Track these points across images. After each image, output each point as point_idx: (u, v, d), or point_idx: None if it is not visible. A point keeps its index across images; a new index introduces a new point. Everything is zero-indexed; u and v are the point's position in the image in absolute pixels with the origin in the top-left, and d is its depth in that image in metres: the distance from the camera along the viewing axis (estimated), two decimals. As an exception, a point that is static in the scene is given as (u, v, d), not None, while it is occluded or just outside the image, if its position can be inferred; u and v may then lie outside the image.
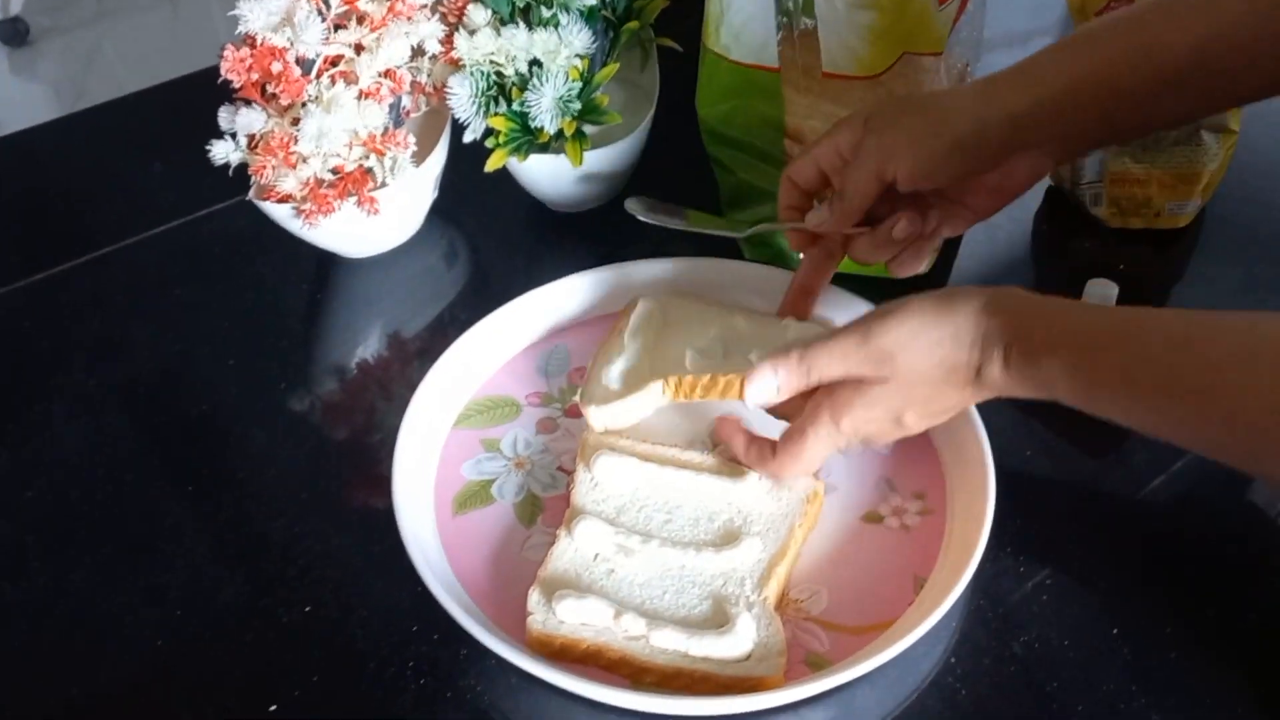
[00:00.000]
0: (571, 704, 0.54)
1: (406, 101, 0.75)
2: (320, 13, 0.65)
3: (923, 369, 0.53)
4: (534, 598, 0.55)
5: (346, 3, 0.66)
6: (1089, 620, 0.56)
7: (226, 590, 0.60)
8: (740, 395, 0.58)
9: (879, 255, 0.62)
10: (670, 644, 0.53)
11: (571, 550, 0.57)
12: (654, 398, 0.61)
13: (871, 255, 0.62)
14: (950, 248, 0.77)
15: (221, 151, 0.68)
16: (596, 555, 0.57)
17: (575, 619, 0.54)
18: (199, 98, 0.69)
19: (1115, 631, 0.55)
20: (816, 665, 0.54)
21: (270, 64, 0.63)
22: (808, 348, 0.55)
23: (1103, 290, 0.71)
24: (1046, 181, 0.82)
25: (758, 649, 0.53)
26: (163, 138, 0.91)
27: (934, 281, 0.74)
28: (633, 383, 0.62)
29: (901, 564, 0.58)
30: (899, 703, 0.54)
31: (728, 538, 0.58)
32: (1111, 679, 0.53)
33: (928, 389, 0.53)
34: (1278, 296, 0.75)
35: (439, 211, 0.80)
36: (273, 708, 0.54)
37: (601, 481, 0.60)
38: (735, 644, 0.53)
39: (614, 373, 0.63)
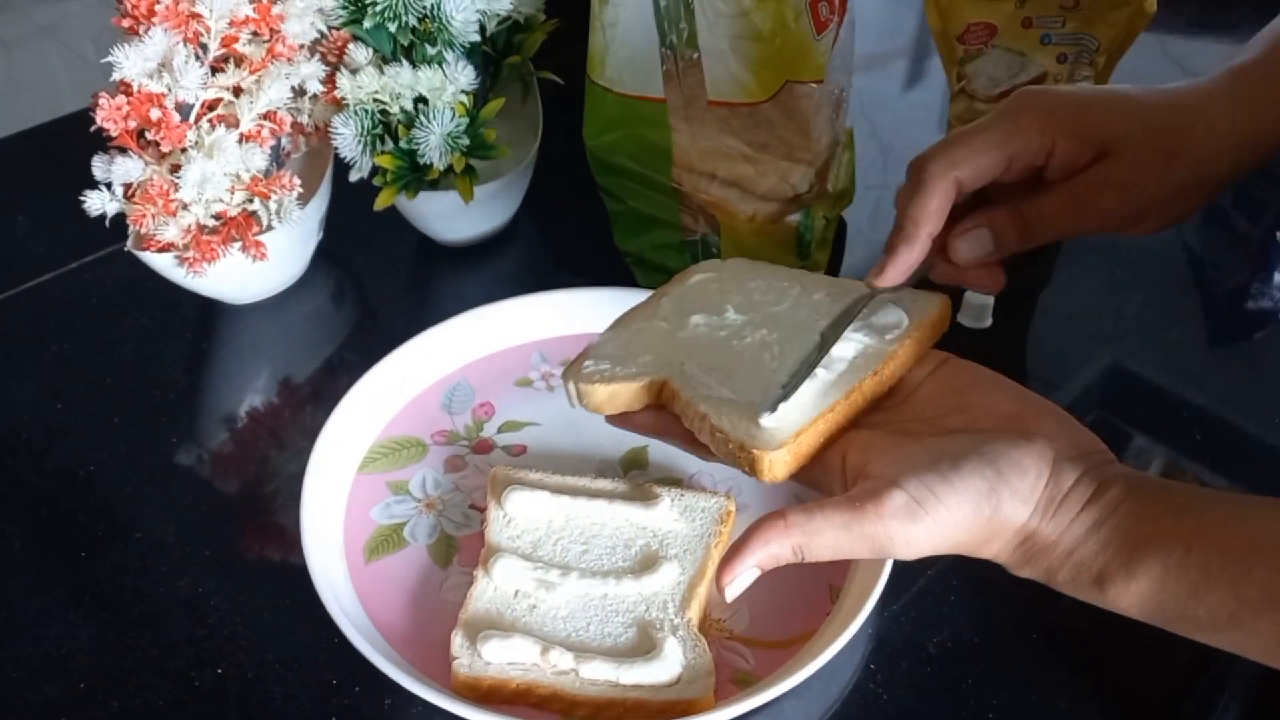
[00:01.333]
0: (503, 743, 0.53)
1: (286, 142, 0.73)
2: (198, 56, 0.64)
3: (937, 551, 0.44)
4: (457, 641, 0.55)
5: (225, 46, 0.65)
6: (998, 615, 0.58)
7: (132, 657, 0.57)
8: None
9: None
10: (600, 675, 0.53)
11: (491, 589, 0.57)
12: (638, 395, 0.53)
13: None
14: (832, 264, 0.79)
15: (97, 202, 0.66)
16: (517, 592, 0.57)
17: (501, 659, 0.54)
18: (57, 146, 0.67)
19: (1023, 624, 0.58)
20: (744, 683, 0.55)
21: (149, 111, 0.62)
22: (808, 527, 0.44)
23: (979, 300, 0.75)
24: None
25: (686, 671, 0.54)
26: (21, 189, 0.87)
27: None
28: (623, 364, 0.54)
29: (816, 576, 0.59)
30: (824, 712, 0.55)
31: (646, 563, 0.58)
32: (1023, 669, 0.56)
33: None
34: (1145, 292, 0.79)
35: (324, 253, 0.79)
36: (192, 775, 0.53)
37: (515, 517, 0.60)
38: (664, 669, 0.53)
39: (610, 348, 0.55)
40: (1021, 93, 0.53)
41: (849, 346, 0.50)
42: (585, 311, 0.72)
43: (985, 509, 0.42)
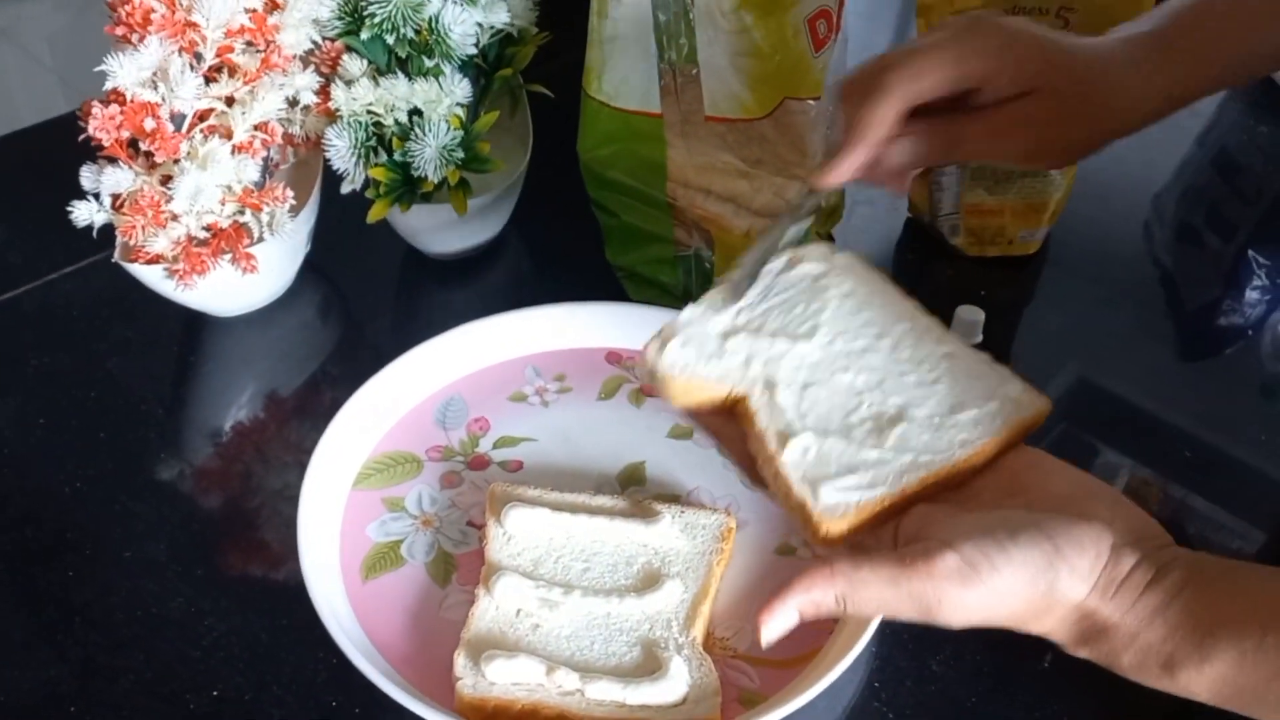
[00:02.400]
0: (509, 765, 0.53)
1: (275, 154, 0.73)
2: (193, 66, 0.63)
3: (984, 623, 0.43)
4: (460, 661, 0.54)
5: (219, 55, 0.64)
6: (1000, 633, 0.58)
7: (125, 679, 0.56)
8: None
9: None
10: (606, 695, 0.53)
11: (493, 609, 0.57)
12: (715, 397, 0.50)
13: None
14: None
15: (84, 213, 0.65)
16: (519, 611, 0.57)
17: (506, 679, 0.53)
18: (33, 154, 0.65)
19: (1026, 642, 0.58)
20: (750, 702, 0.55)
21: (143, 121, 0.61)
22: (854, 578, 0.42)
23: (971, 315, 0.75)
24: (905, 214, 0.86)
25: (693, 691, 0.53)
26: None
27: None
28: (709, 358, 0.50)
29: (819, 594, 0.59)
30: (829, 731, 0.55)
31: (648, 581, 0.58)
32: (1027, 688, 0.56)
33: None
34: (1122, 309, 0.81)
35: (310, 265, 0.78)
36: (190, 801, 0.52)
37: (514, 535, 0.60)
38: (671, 688, 0.53)
39: (698, 331, 0.50)
40: (975, 15, 0.55)
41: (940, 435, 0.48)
42: (579, 326, 0.72)
43: (1041, 582, 0.41)
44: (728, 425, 0.50)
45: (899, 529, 0.45)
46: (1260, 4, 0.56)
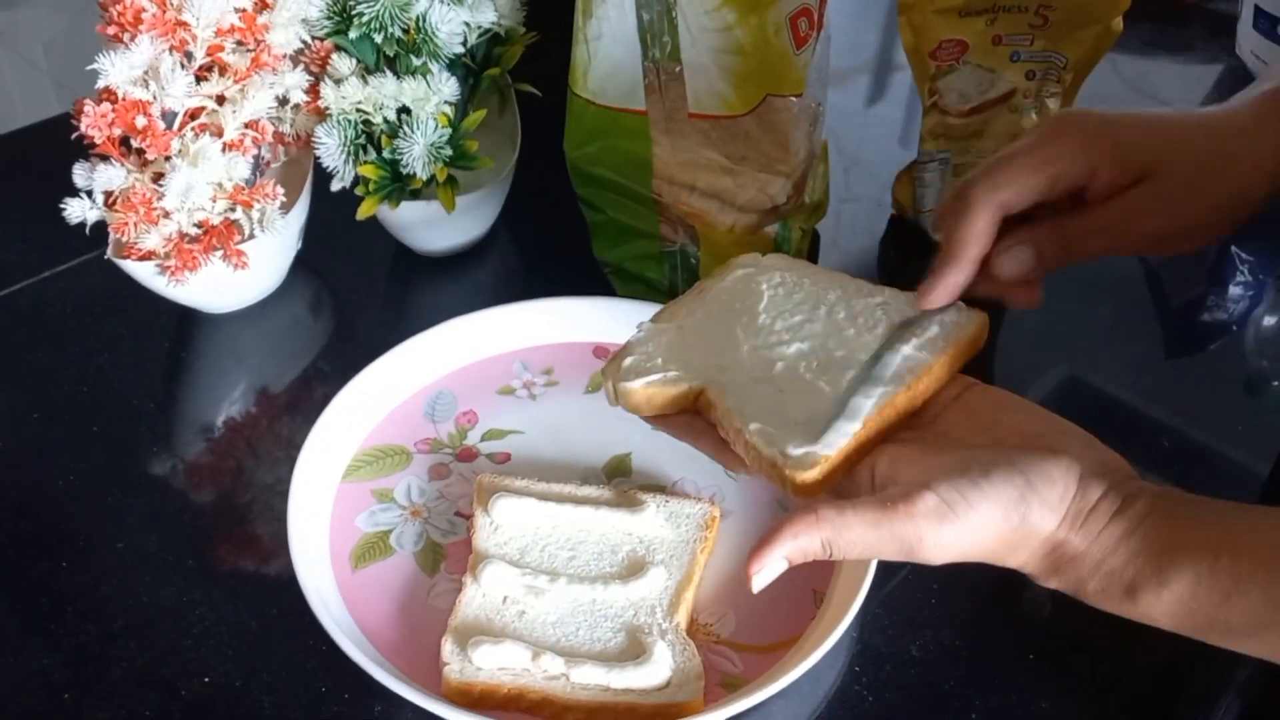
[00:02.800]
0: (495, 749, 0.54)
1: (266, 152, 0.73)
2: (183, 65, 0.64)
3: (964, 558, 0.45)
4: (448, 647, 0.55)
5: (210, 54, 0.65)
6: (979, 618, 0.60)
7: (118, 667, 0.57)
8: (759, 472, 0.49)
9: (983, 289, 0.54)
10: (591, 679, 0.54)
11: (480, 596, 0.58)
12: (677, 399, 0.52)
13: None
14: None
15: (77, 210, 0.66)
16: (506, 598, 0.57)
17: (492, 664, 0.54)
18: (26, 153, 0.66)
19: (1005, 626, 0.59)
20: (732, 686, 0.56)
21: (135, 119, 0.62)
22: (838, 522, 0.44)
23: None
24: (889, 210, 0.87)
25: (676, 675, 0.54)
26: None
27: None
28: (663, 365, 0.52)
29: (801, 581, 0.60)
30: (810, 714, 0.56)
31: (633, 568, 0.59)
32: (1005, 671, 0.57)
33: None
34: (1104, 306, 0.82)
35: (302, 262, 0.79)
36: (181, 785, 0.52)
37: (501, 524, 0.61)
38: (654, 672, 0.54)
39: (650, 346, 0.53)
40: (1060, 115, 0.54)
41: (885, 363, 0.51)
42: (567, 320, 0.73)
43: (1014, 516, 0.43)
44: (695, 421, 0.52)
45: (875, 472, 0.47)
46: None
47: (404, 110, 0.70)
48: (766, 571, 0.45)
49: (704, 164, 0.72)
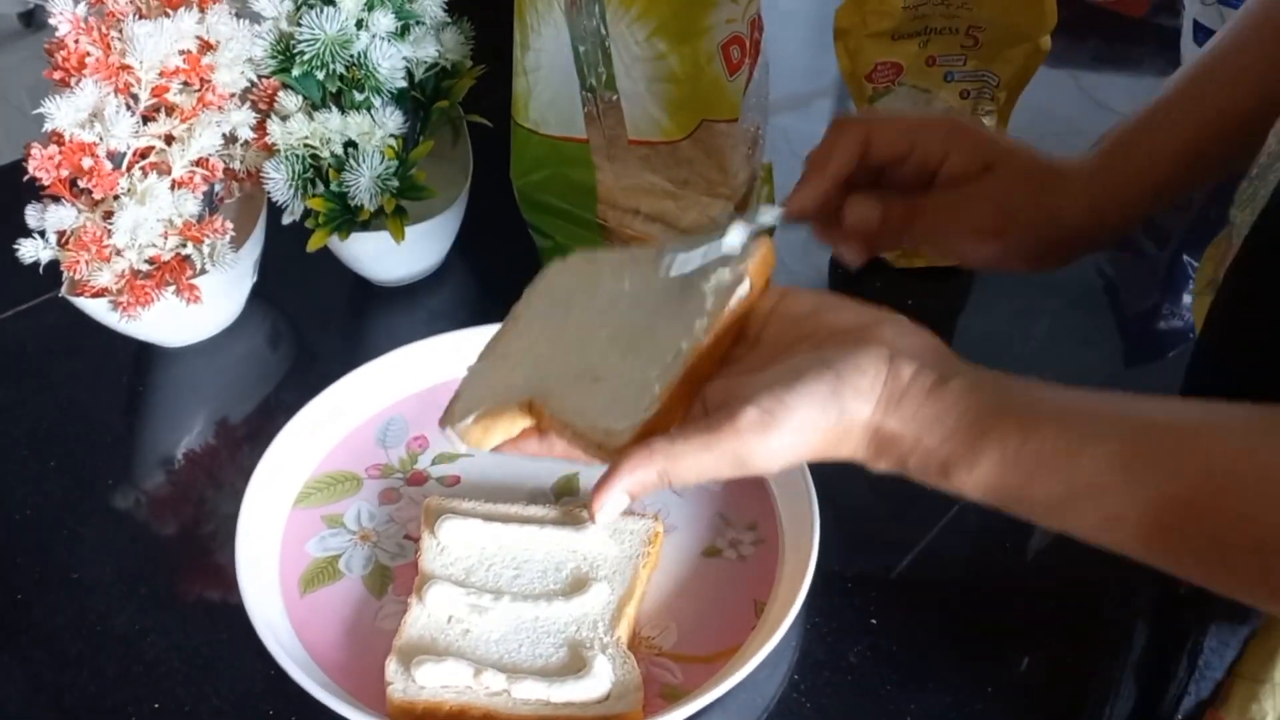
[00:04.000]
0: (439, 765, 0.55)
1: (219, 188, 0.75)
2: (129, 106, 0.66)
3: (799, 461, 0.46)
4: (391, 667, 0.56)
5: (155, 95, 0.66)
6: (916, 624, 0.61)
7: (70, 694, 0.58)
8: (601, 459, 0.50)
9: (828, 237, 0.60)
10: (531, 694, 0.55)
11: (424, 616, 0.59)
12: (515, 420, 0.53)
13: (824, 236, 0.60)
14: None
15: (30, 250, 0.67)
16: (450, 618, 0.59)
17: (435, 682, 0.55)
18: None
19: (940, 633, 0.60)
20: (672, 697, 0.57)
21: (81, 160, 0.63)
22: (670, 451, 0.46)
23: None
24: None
25: (616, 688, 0.55)
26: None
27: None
28: (492, 394, 0.53)
29: (742, 592, 0.61)
30: (751, 723, 0.57)
31: (576, 585, 0.60)
32: (939, 675, 0.58)
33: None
34: (1051, 317, 0.83)
35: (259, 295, 0.81)
36: (130, 809, 0.53)
37: (448, 545, 0.62)
38: (594, 686, 0.55)
39: (477, 382, 0.54)
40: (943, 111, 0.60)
41: (681, 315, 0.51)
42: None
43: (832, 410, 0.44)
44: (544, 438, 0.53)
45: (705, 403, 0.48)
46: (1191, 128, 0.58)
47: (350, 144, 0.72)
48: (609, 507, 0.46)
49: (647, 188, 0.74)
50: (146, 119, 0.67)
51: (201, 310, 0.73)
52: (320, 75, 0.70)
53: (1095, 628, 0.61)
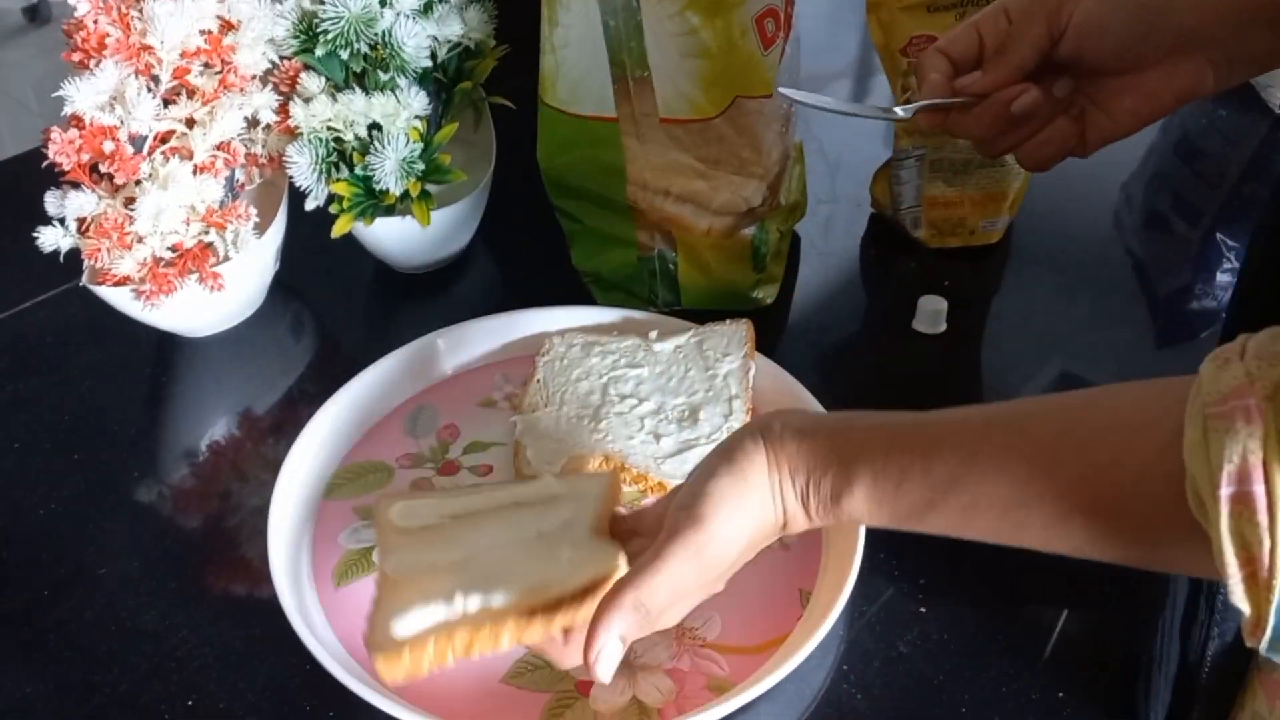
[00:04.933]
0: (481, 761, 0.53)
1: (240, 174, 0.74)
2: (150, 89, 0.64)
3: (746, 542, 0.48)
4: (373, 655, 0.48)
5: (177, 77, 0.65)
6: (965, 613, 0.59)
7: (100, 693, 0.57)
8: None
9: (992, 128, 0.61)
10: (507, 598, 0.48)
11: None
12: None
13: (984, 128, 0.61)
14: (787, 276, 0.80)
15: (50, 238, 0.66)
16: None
17: (413, 629, 0.48)
18: (5, 186, 0.66)
19: (991, 620, 0.59)
20: (719, 689, 0.55)
21: (102, 144, 0.62)
22: (639, 589, 0.46)
23: (934, 305, 0.76)
24: (868, 209, 0.87)
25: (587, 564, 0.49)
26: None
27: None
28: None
29: (786, 581, 0.60)
30: (800, 714, 0.56)
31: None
32: (993, 664, 0.57)
33: (747, 553, 0.49)
34: (1085, 297, 0.81)
35: (281, 283, 0.79)
36: (165, 810, 0.52)
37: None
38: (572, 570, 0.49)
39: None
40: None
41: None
42: (545, 330, 0.73)
43: (737, 477, 0.48)
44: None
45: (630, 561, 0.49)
46: None
47: (375, 126, 0.70)
48: (606, 660, 0.47)
49: (677, 169, 0.72)
50: (167, 102, 0.66)
51: (224, 299, 0.71)
52: (344, 55, 0.68)
53: (1145, 602, 0.59)
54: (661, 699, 0.55)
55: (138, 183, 0.65)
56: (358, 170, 0.70)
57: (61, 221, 0.66)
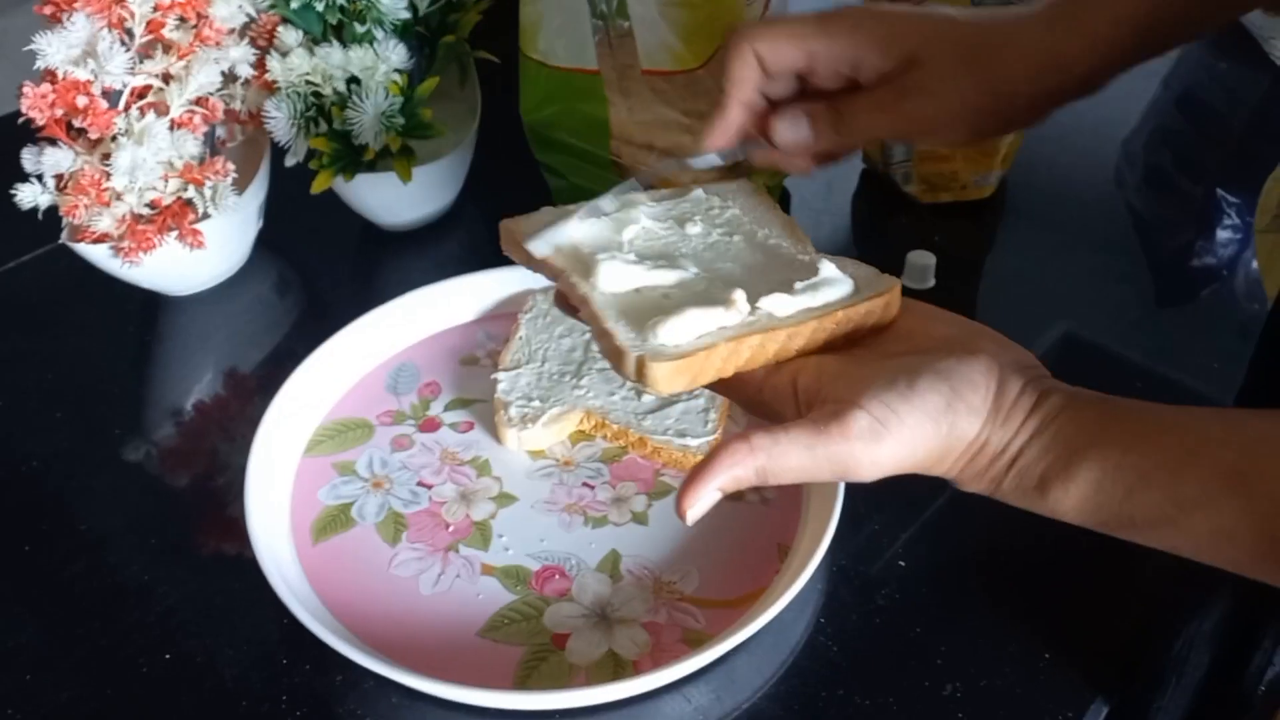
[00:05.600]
0: (455, 714, 0.53)
1: (221, 131, 0.73)
2: (124, 43, 0.63)
3: (895, 471, 0.43)
4: (621, 332, 0.44)
5: (151, 31, 0.64)
6: (944, 566, 0.59)
7: (82, 646, 0.57)
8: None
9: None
10: (788, 307, 0.45)
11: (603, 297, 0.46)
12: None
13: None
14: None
15: (29, 195, 0.65)
16: (638, 289, 0.47)
17: (682, 338, 0.44)
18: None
19: (969, 574, 0.58)
20: (696, 642, 0.55)
21: (75, 98, 0.61)
22: (772, 450, 0.42)
23: (922, 260, 0.75)
24: (859, 165, 0.86)
25: (860, 281, 0.46)
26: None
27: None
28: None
29: (765, 536, 0.60)
30: (776, 668, 0.55)
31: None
32: (970, 617, 0.56)
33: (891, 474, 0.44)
34: (1082, 254, 0.80)
35: (265, 242, 0.79)
36: (143, 760, 0.52)
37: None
38: (838, 287, 0.46)
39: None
40: (839, 7, 0.54)
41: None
42: (528, 288, 0.72)
43: (943, 424, 0.42)
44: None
45: (797, 386, 0.44)
46: None
47: (353, 80, 0.69)
48: (700, 504, 0.43)
49: (662, 123, 0.71)
50: (143, 56, 0.65)
51: (206, 256, 0.71)
52: (320, 7, 0.67)
53: (1132, 571, 0.59)
54: (637, 651, 0.55)
55: (114, 138, 0.64)
56: (336, 125, 0.70)
57: (40, 178, 0.66)
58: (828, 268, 0.48)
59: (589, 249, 0.48)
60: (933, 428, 0.42)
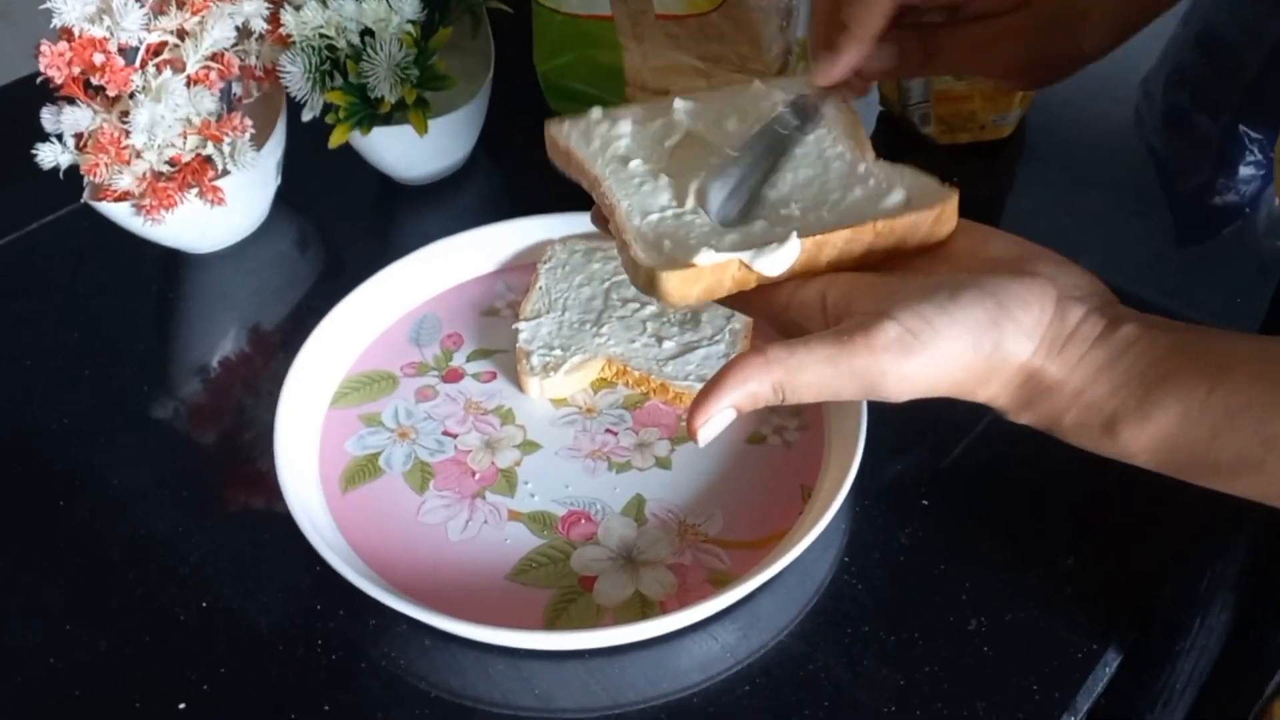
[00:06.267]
0: (486, 655, 0.54)
1: (238, 88, 0.73)
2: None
3: (927, 393, 0.40)
4: (642, 253, 0.42)
5: (164, -14, 0.64)
6: (968, 505, 0.59)
7: (115, 596, 0.58)
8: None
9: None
10: (812, 214, 0.43)
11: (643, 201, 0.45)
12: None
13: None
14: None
15: (49, 155, 0.66)
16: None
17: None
18: (7, 111, 0.66)
19: (993, 513, 0.59)
20: (721, 582, 0.55)
21: (91, 56, 0.61)
22: (790, 363, 0.39)
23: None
24: (876, 106, 0.85)
25: (913, 194, 0.44)
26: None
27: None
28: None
29: (788, 477, 0.60)
30: (802, 606, 0.56)
31: None
32: (994, 555, 0.57)
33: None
34: (1099, 193, 0.80)
35: (284, 198, 0.79)
36: (181, 705, 0.53)
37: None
38: (893, 195, 0.44)
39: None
40: None
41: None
42: (547, 238, 0.72)
43: (986, 343, 0.38)
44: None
45: (826, 300, 0.41)
46: None
47: (367, 33, 0.69)
48: (713, 424, 0.39)
49: (677, 69, 0.71)
50: (158, 13, 0.65)
51: (227, 214, 0.71)
52: (332, -41, 0.67)
53: (1156, 509, 0.59)
54: (663, 592, 0.55)
55: (131, 96, 0.64)
56: (351, 78, 0.70)
57: (59, 138, 0.66)
58: (874, 171, 0.45)
59: (626, 155, 0.47)
60: (972, 343, 0.38)
